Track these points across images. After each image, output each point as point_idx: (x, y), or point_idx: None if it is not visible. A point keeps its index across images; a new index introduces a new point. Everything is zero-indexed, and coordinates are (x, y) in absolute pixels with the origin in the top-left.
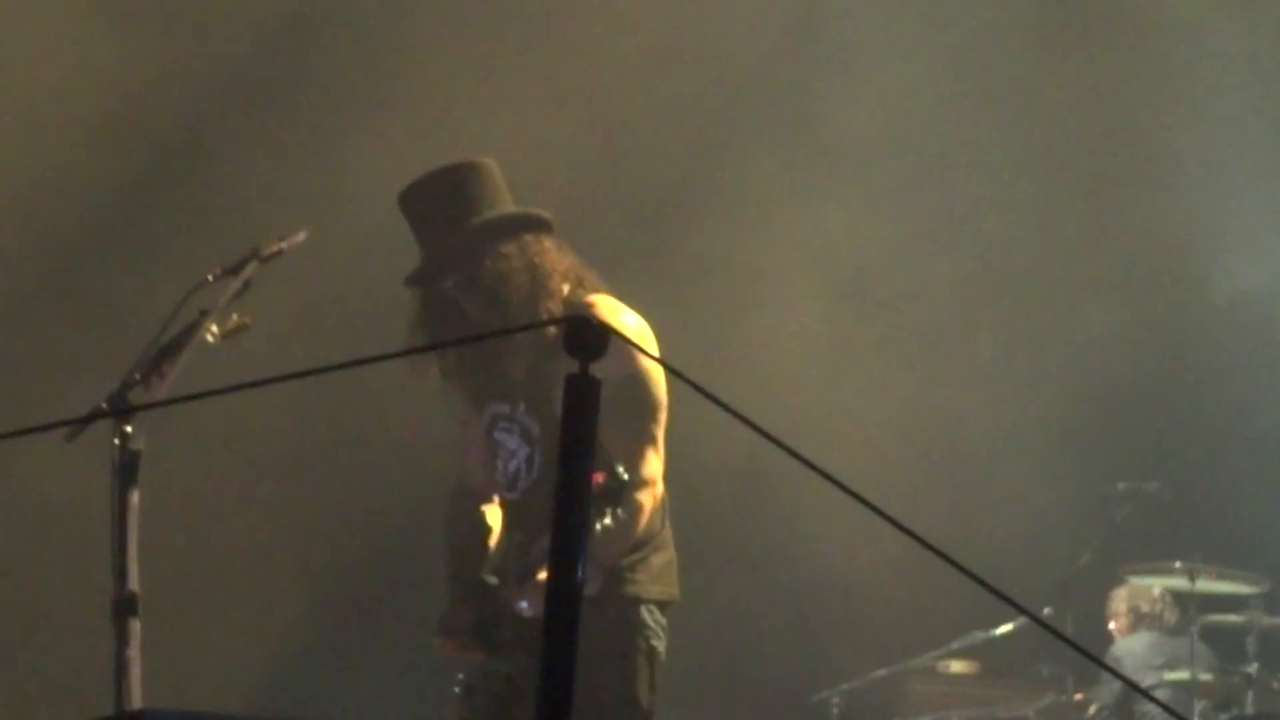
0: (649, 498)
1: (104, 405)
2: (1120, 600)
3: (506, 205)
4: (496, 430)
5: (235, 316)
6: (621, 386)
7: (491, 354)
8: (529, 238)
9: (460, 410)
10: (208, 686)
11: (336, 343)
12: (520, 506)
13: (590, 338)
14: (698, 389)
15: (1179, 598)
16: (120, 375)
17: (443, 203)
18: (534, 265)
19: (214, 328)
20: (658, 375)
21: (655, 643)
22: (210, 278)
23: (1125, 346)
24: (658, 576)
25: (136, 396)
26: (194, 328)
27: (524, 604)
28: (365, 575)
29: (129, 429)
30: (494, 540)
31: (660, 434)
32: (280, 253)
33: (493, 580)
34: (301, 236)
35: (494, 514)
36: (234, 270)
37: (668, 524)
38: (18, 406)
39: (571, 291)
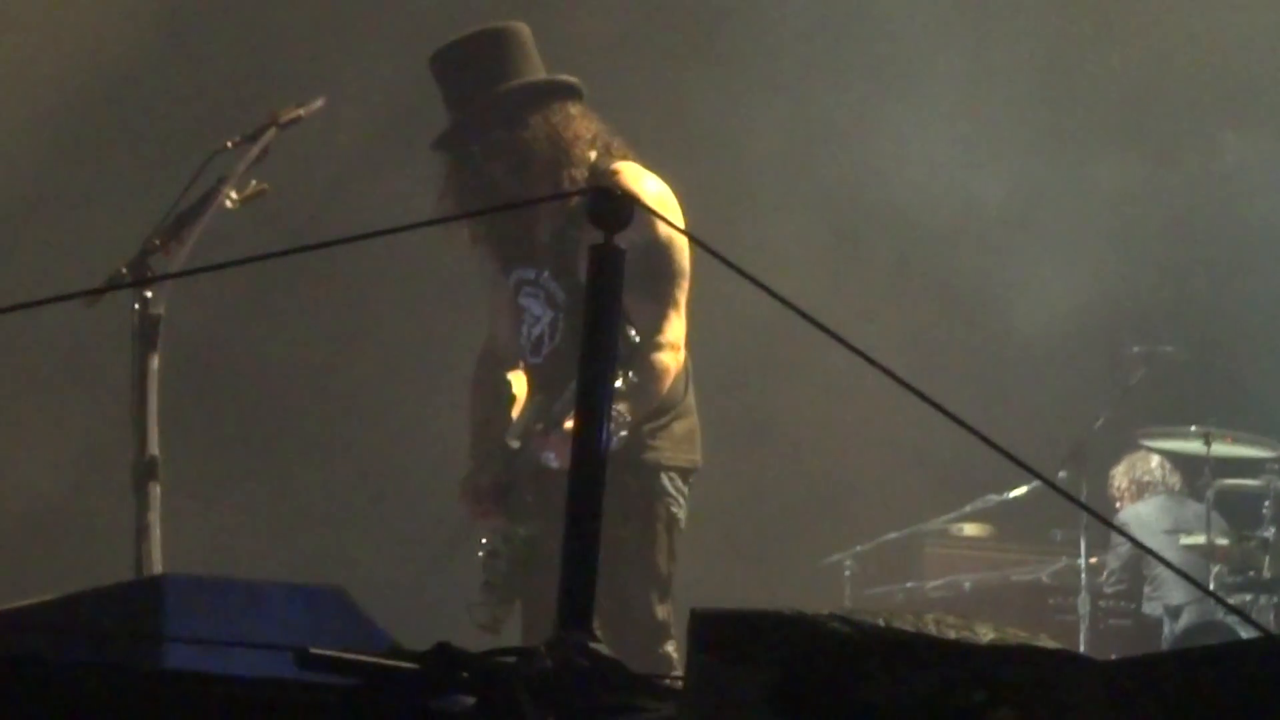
0: (673, 360)
1: (124, 271)
2: (1120, 476)
3: (536, 71)
4: (522, 295)
5: (253, 183)
6: (643, 251)
7: (518, 220)
8: (555, 105)
9: (489, 275)
10: (227, 552)
11: (359, 213)
12: (544, 371)
13: (615, 208)
14: (715, 254)
15: (1189, 462)
16: (139, 240)
17: (472, 67)
18: (557, 133)
19: (232, 193)
20: (680, 241)
21: (675, 510)
22: (229, 144)
23: (1140, 207)
24: (679, 443)
25: (156, 262)
26: (212, 193)
27: (550, 455)
28: (385, 440)
29: (149, 294)
30: (518, 406)
31: (683, 299)
32: (298, 119)
33: (515, 444)
34: (320, 103)
35: (519, 380)
36: (252, 136)
37: (691, 390)
38: (40, 271)
39: (598, 158)
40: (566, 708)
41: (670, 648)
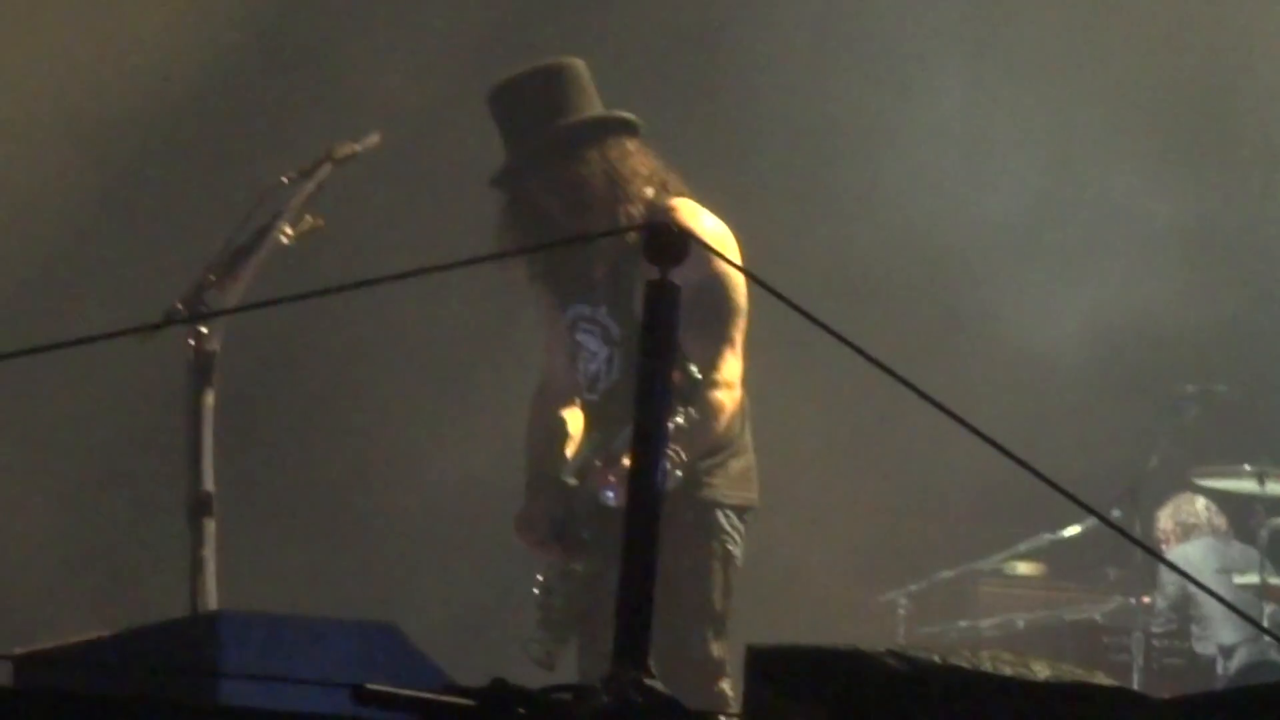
0: (729, 399)
1: (179, 307)
2: (1165, 518)
3: (593, 107)
4: (578, 331)
5: (308, 218)
6: (700, 290)
7: (575, 256)
8: (611, 141)
9: (545, 312)
10: (281, 587)
11: (414, 250)
12: (600, 408)
13: (671, 244)
14: (773, 291)
15: (1239, 502)
16: (195, 277)
17: (528, 103)
18: (614, 169)
19: (287, 229)
20: (738, 279)
21: (731, 547)
22: (284, 179)
23: (1193, 244)
24: (735, 481)
25: (211, 298)
26: (267, 229)
27: (609, 494)
28: (441, 476)
29: (204, 330)
30: (574, 443)
31: (739, 338)
32: (354, 155)
33: (572, 481)
34: (375, 139)
35: (575, 417)
36: (308, 172)
37: (748, 429)
38: (96, 309)
39: (655, 195)
40: None
41: (725, 685)
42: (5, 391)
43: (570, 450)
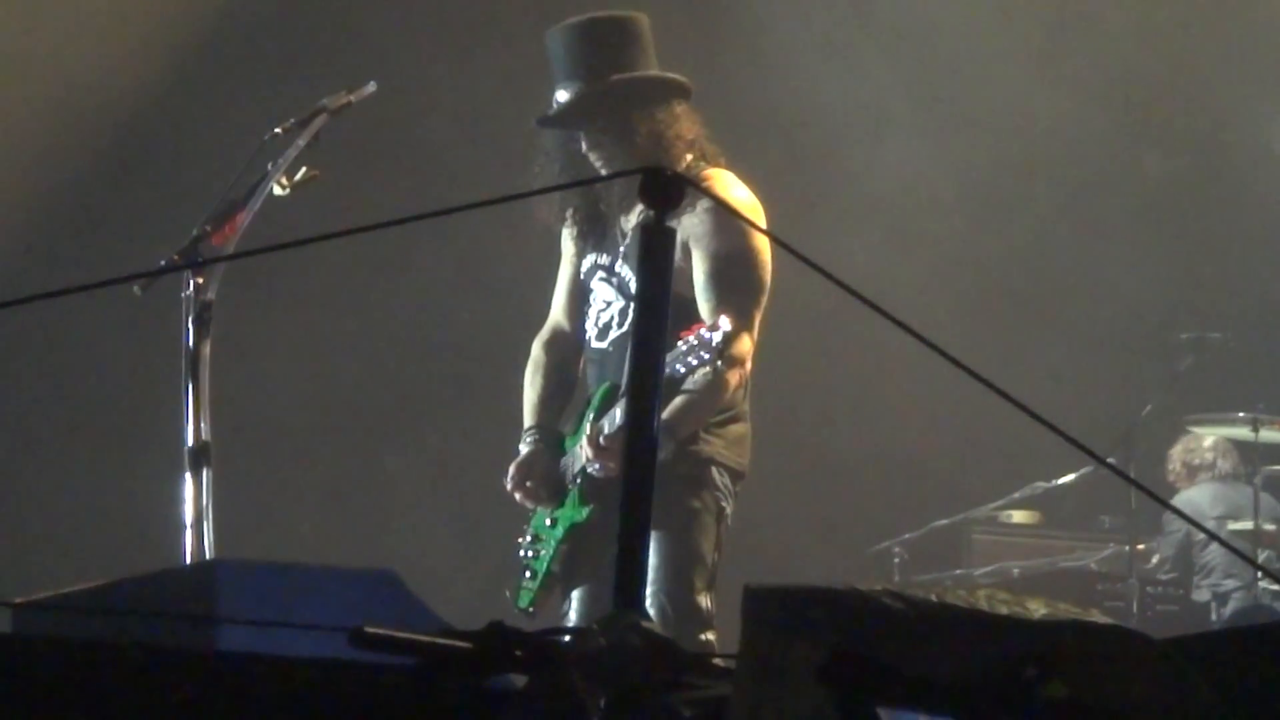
0: (735, 375)
1: (176, 257)
2: (1174, 458)
3: (651, 65)
4: (595, 279)
5: (304, 169)
6: (726, 261)
7: (605, 206)
8: (663, 102)
9: (565, 253)
10: (278, 536)
11: (413, 197)
12: (608, 356)
13: (665, 187)
14: (801, 257)
15: (1240, 447)
16: (191, 227)
17: (591, 51)
18: (661, 131)
19: (283, 180)
20: (764, 256)
21: (724, 503)
22: (280, 130)
23: (1187, 193)
24: (732, 444)
25: (207, 249)
26: (264, 180)
27: (596, 464)
28: (437, 424)
29: (200, 280)
30: (572, 391)
31: (758, 316)
32: (349, 105)
33: (567, 432)
34: (370, 89)
35: (576, 365)
36: (303, 123)
37: (748, 400)
38: (93, 258)
39: (693, 162)
40: (619, 686)
41: (711, 636)
42: (3, 341)
43: (568, 400)
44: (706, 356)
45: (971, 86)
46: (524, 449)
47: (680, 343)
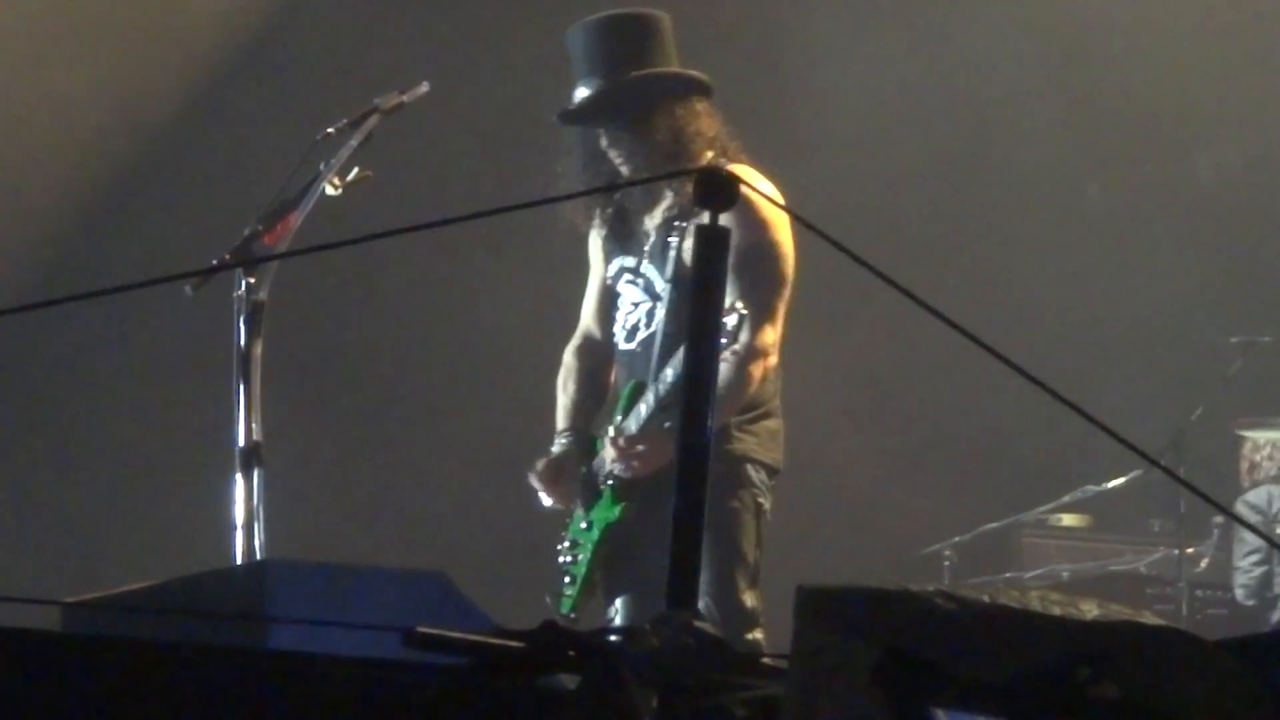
0: (759, 368)
1: (228, 256)
2: (1241, 457)
3: (671, 63)
4: (621, 282)
5: (357, 169)
6: (748, 255)
7: (630, 205)
8: (683, 100)
9: (593, 259)
10: (329, 536)
11: (465, 197)
12: (636, 357)
13: (721, 189)
14: (829, 240)
15: None
16: (244, 227)
17: (612, 47)
18: (680, 128)
19: (335, 180)
20: (787, 250)
21: (761, 500)
22: (332, 130)
23: (1240, 194)
24: (765, 440)
25: (260, 248)
26: (316, 180)
27: (620, 464)
28: (488, 425)
29: (252, 280)
30: (605, 397)
31: (781, 308)
32: (401, 105)
33: (598, 436)
34: (423, 88)
35: (608, 370)
36: (356, 123)
37: (779, 396)
38: (146, 258)
39: (714, 159)
40: (672, 686)
41: (758, 634)
42: (57, 339)
43: (600, 405)
44: (723, 342)
45: (1005, 85)
46: (555, 449)
47: None
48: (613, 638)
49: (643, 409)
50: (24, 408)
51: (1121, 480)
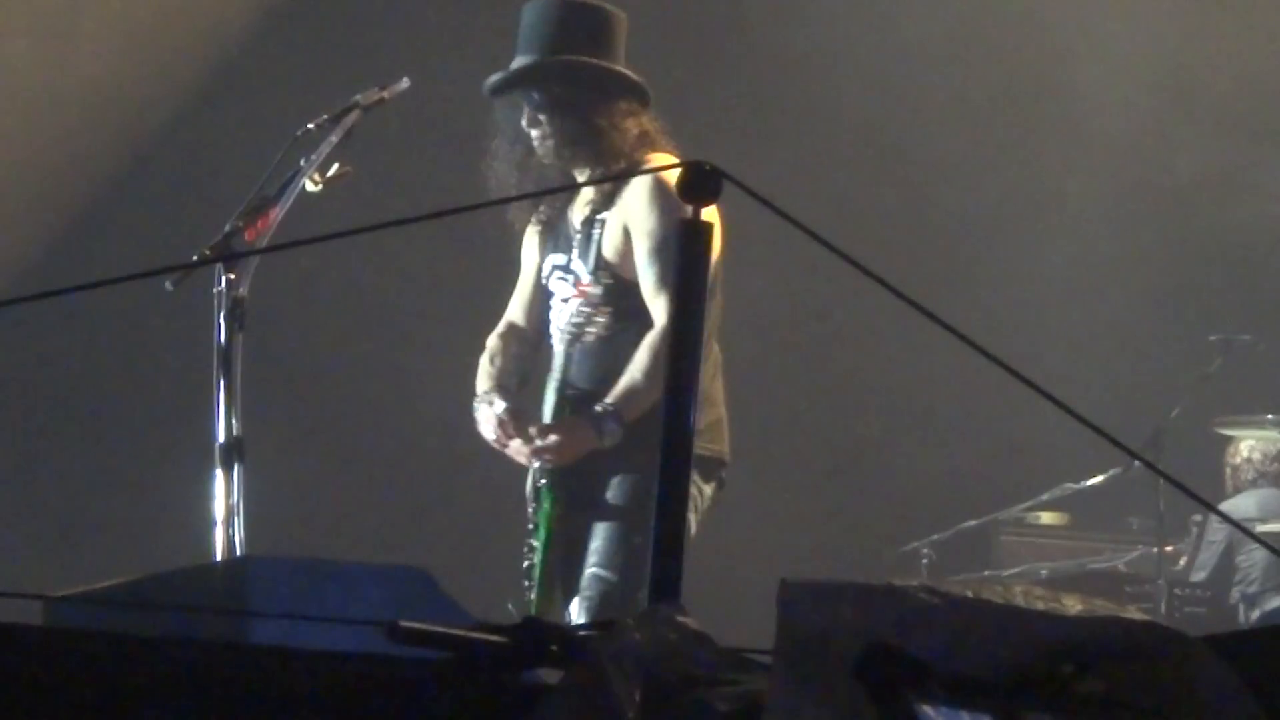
0: None
1: (207, 252)
2: (1224, 461)
3: (613, 60)
4: (553, 279)
5: (337, 165)
6: (666, 240)
7: (559, 206)
8: (615, 98)
9: (526, 256)
10: (310, 532)
11: (443, 194)
12: (561, 352)
13: (704, 182)
14: (807, 229)
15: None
16: (224, 222)
17: (553, 28)
18: (596, 122)
19: (315, 176)
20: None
21: (692, 491)
22: (312, 126)
23: (1218, 194)
24: (699, 431)
25: (239, 244)
26: (296, 176)
27: (535, 461)
28: (468, 420)
29: (233, 275)
30: (527, 383)
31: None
32: (382, 101)
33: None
34: (404, 85)
35: (532, 359)
36: (336, 118)
37: (719, 381)
38: (125, 255)
39: (631, 152)
40: (654, 681)
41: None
42: (35, 335)
43: (523, 387)
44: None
45: (985, 81)
46: (497, 401)
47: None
48: (594, 632)
49: (549, 398)
50: (2, 403)
51: (1100, 478)
